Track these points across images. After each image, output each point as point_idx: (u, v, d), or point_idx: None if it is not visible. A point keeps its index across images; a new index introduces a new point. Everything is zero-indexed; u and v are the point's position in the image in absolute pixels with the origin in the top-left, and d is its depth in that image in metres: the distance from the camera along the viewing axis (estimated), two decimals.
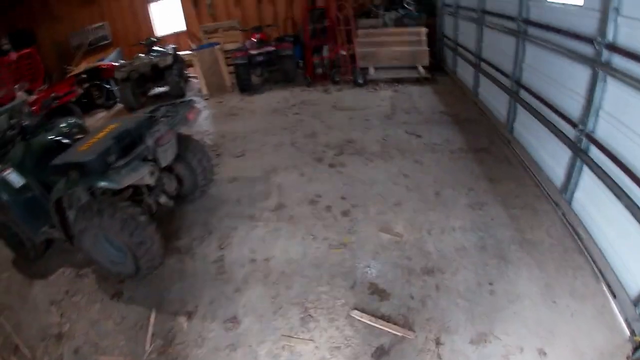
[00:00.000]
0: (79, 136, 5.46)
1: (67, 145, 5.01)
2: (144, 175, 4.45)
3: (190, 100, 5.68)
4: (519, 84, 6.06)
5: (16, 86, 10.96)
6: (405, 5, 11.57)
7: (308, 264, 4.54)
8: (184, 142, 5.65)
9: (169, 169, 5.47)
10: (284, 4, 14.02)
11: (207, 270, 4.72)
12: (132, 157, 4.31)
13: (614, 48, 3.82)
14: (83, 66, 13.11)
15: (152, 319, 4.20)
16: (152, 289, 4.59)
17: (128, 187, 4.54)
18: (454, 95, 8.92)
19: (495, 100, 7.20)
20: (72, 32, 15.41)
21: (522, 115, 6.09)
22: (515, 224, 4.73)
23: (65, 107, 10.53)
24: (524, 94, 5.95)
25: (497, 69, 6.96)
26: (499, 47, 6.93)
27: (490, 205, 5.08)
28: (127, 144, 4.57)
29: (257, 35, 11.50)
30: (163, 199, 5.23)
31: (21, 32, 15.96)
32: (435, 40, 11.05)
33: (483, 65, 7.80)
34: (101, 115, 12.43)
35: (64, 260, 5.14)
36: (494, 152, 6.29)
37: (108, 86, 12.50)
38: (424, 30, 10.31)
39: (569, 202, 4.73)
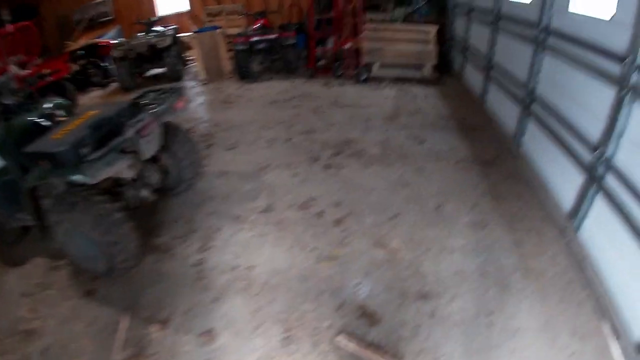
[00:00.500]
0: (62, 118, 5.12)
1: (47, 129, 4.62)
2: (121, 169, 4.12)
3: (181, 88, 5.34)
4: (533, 96, 5.69)
5: (11, 58, 10.58)
6: (416, 2, 11.15)
7: (294, 276, 4.20)
8: (171, 132, 5.30)
9: (153, 160, 5.10)
10: None
11: (186, 274, 4.39)
12: (109, 149, 3.95)
13: None
14: (82, 42, 12.74)
15: (124, 324, 3.88)
16: (127, 290, 4.28)
17: (107, 178, 4.14)
18: (461, 99, 8.54)
19: (504, 109, 6.83)
20: (75, 9, 15.00)
21: (533, 130, 5.72)
22: (519, 249, 4.39)
23: (59, 83, 10.22)
24: (536, 108, 5.57)
25: (510, 77, 6.59)
26: (513, 54, 6.55)
27: (494, 225, 4.74)
28: (106, 134, 4.18)
29: (260, 21, 11.14)
30: (145, 193, 4.88)
31: (24, 5, 15.56)
32: (444, 40, 10.63)
33: (494, 71, 7.44)
34: (96, 93, 12.17)
35: (41, 248, 4.79)
36: (500, 165, 5.95)
37: (105, 64, 12.15)
38: (433, 29, 9.88)
39: (577, 230, 4.38)
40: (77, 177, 3.77)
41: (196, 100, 10.18)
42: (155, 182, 5.13)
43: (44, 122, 4.82)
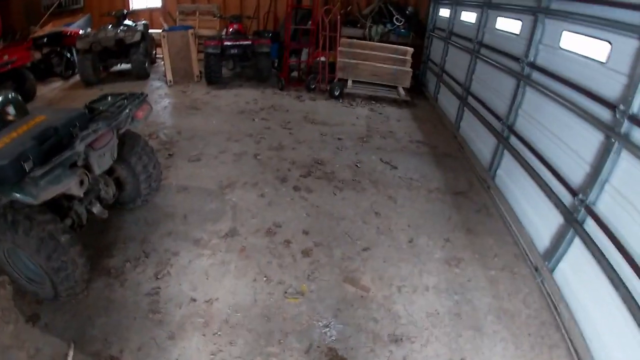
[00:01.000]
0: (11, 118, 4.66)
1: None
2: (70, 187, 3.61)
3: (143, 94, 4.86)
4: (511, 129, 5.59)
5: None
6: (395, 21, 11.06)
7: (258, 314, 3.85)
8: (129, 142, 4.86)
9: (108, 172, 4.62)
10: None
11: (139, 305, 3.97)
12: (55, 165, 3.45)
13: (638, 121, 3.37)
14: (47, 29, 12.09)
15: (70, 359, 3.46)
16: (73, 319, 3.83)
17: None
18: (434, 124, 8.44)
19: (480, 139, 6.73)
20: None
21: (509, 164, 5.62)
22: (493, 289, 4.22)
23: (19, 71, 9.62)
24: (515, 142, 5.46)
25: (487, 108, 6.49)
26: (493, 84, 6.47)
27: (468, 262, 4.57)
28: (53, 146, 3.73)
29: (235, 26, 10.83)
30: (97, 209, 4.41)
31: None
32: (420, 62, 10.57)
33: (470, 99, 7.34)
34: (57, 85, 11.56)
35: None
36: (473, 198, 5.81)
37: (69, 55, 11.55)
38: (410, 50, 9.83)
39: (552, 270, 4.26)
40: (18, 196, 3.27)
41: (160, 103, 9.71)
42: (109, 197, 4.70)
43: None
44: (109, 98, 4.81)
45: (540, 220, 4.71)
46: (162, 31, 11.06)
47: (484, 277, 4.36)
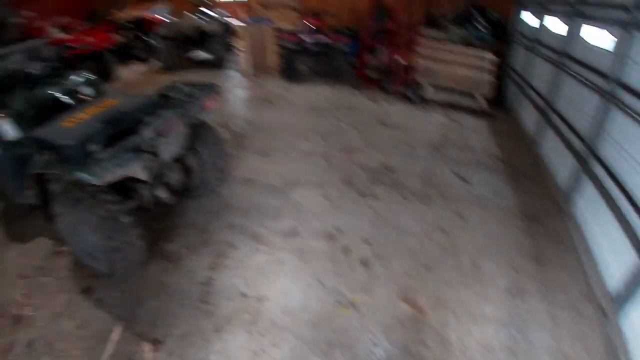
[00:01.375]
0: (86, 97, 4.88)
1: (65, 106, 4.42)
2: (134, 171, 3.77)
3: (214, 85, 4.96)
4: (594, 154, 5.18)
5: (55, 20, 10.64)
6: (478, 26, 10.61)
7: (306, 320, 3.83)
8: (200, 132, 4.96)
9: (177, 159, 4.77)
10: None
11: (190, 293, 4.08)
12: (121, 148, 3.63)
13: None
14: (131, 14, 12.68)
15: (115, 335, 3.64)
16: (125, 297, 4.03)
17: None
18: (512, 138, 8.00)
19: (559, 159, 6.30)
20: None
21: (588, 192, 5.20)
22: (555, 328, 3.92)
23: (99, 53, 10.16)
24: (597, 169, 5.07)
25: (569, 126, 6.06)
26: (577, 100, 6.02)
27: (532, 295, 4.27)
28: (121, 130, 3.89)
29: (314, 21, 10.81)
30: (162, 193, 4.52)
31: None
32: (501, 70, 10.08)
33: (552, 114, 6.90)
34: (137, 68, 12.19)
35: (47, 228, 4.50)
36: (547, 224, 5.42)
37: (150, 40, 12.06)
38: (492, 57, 9.37)
39: (621, 317, 3.90)
40: (82, 176, 3.45)
41: (235, 94, 9.93)
42: (176, 182, 4.80)
43: (66, 99, 4.60)
44: (182, 86, 4.95)
45: (615, 258, 4.32)
46: (242, 23, 11.25)
47: (546, 314, 4.06)
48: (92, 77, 5.35)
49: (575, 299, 4.29)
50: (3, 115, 4.21)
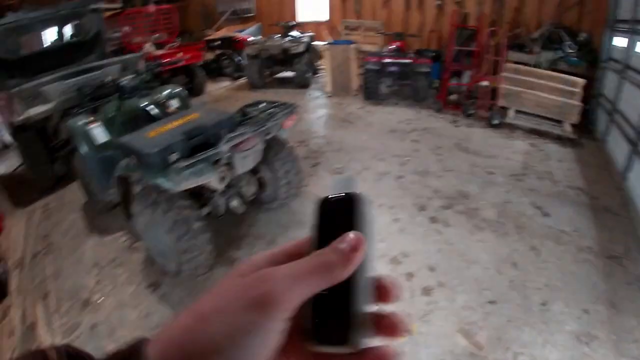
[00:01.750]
0: (173, 110, 5.37)
1: (153, 117, 4.94)
2: (209, 181, 4.12)
3: (292, 105, 5.18)
4: None
5: (152, 36, 11.49)
6: (566, 48, 10.13)
7: None
8: (275, 147, 5.22)
9: (253, 171, 5.09)
10: (432, 15, 13.04)
11: None
12: (199, 160, 3.90)
13: None
14: (220, 33, 13.48)
15: None
16: (188, 296, 4.32)
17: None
18: (598, 169, 7.50)
19: None
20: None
21: None
22: None
23: (190, 68, 10.89)
24: None
25: None
26: None
27: (601, 342, 3.94)
28: (200, 143, 4.20)
29: (397, 43, 10.85)
30: (235, 203, 4.86)
31: None
32: (590, 96, 9.55)
33: None
34: (225, 84, 12.86)
35: (127, 225, 5.01)
36: (628, 266, 4.98)
37: (238, 58, 12.73)
38: (581, 81, 8.85)
39: None
40: (160, 182, 3.81)
41: (315, 113, 10.17)
42: (249, 194, 5.13)
43: (154, 111, 5.10)
44: (263, 104, 5.26)
45: None
46: (326, 44, 11.55)
47: None
48: (179, 90, 5.88)
49: None
50: (95, 120, 4.84)
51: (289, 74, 12.36)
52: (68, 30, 7.46)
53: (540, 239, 5.42)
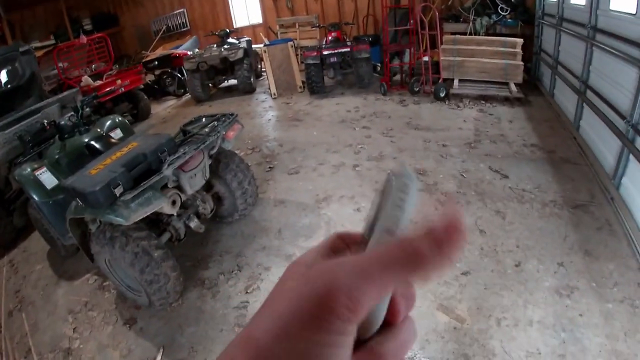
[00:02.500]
0: (115, 141, 5.20)
1: (98, 152, 4.78)
2: (161, 207, 3.97)
3: (233, 115, 5.06)
4: (638, 131, 4.79)
5: (93, 66, 11.21)
6: (500, 11, 10.20)
7: None
8: (223, 160, 5.12)
9: (206, 188, 5.01)
10: (365, 0, 13.03)
11: (227, 318, 4.16)
12: (144, 188, 3.77)
13: None
14: (157, 52, 13.22)
15: None
16: (165, 325, 4.21)
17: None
18: (550, 123, 7.56)
19: (602, 141, 5.87)
20: (152, 19, 15.68)
21: (636, 171, 4.83)
22: (608, 326, 3.57)
23: (132, 93, 10.66)
24: None
25: (609, 104, 5.63)
26: (613, 76, 5.61)
27: (582, 292, 3.92)
28: (142, 171, 4.05)
29: (333, 34, 10.76)
30: (194, 224, 4.73)
31: (105, 15, 16.48)
32: (531, 54, 9.63)
33: (589, 93, 6.46)
34: (171, 103, 12.65)
35: (92, 265, 4.77)
36: (595, 212, 5.01)
37: (179, 75, 12.50)
38: (519, 41, 8.95)
39: None
40: (111, 218, 3.67)
41: (264, 116, 10.01)
42: (207, 211, 5.02)
43: (97, 145, 4.95)
44: (203, 120, 5.17)
45: None
46: (263, 46, 11.38)
47: (598, 311, 3.72)
48: (120, 120, 5.70)
49: (629, 291, 3.90)
50: (41, 166, 4.69)
51: (232, 81, 12.17)
52: (2, 77, 7.19)
53: (503, 202, 5.40)
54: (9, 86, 7.19)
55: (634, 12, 4.93)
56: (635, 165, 4.81)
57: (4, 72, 7.18)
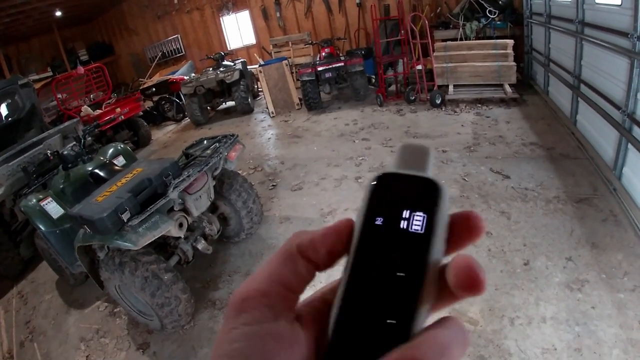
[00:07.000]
0: (119, 168, 5.26)
1: (102, 180, 4.79)
2: (168, 230, 4.00)
3: (234, 135, 5.13)
4: (633, 119, 4.82)
5: (91, 96, 11.35)
6: (488, 14, 10.32)
7: None
8: (227, 181, 5.17)
9: (212, 210, 5.05)
10: (355, 15, 13.20)
11: None
12: (151, 213, 3.83)
13: None
14: (154, 79, 13.38)
15: None
16: (178, 348, 4.22)
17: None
18: (547, 121, 7.61)
19: (600, 133, 5.90)
20: (147, 46, 15.86)
21: (636, 160, 4.85)
22: (621, 316, 3.57)
23: (131, 120, 10.76)
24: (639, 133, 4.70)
25: (603, 96, 5.67)
26: (605, 68, 5.65)
27: (592, 284, 3.93)
28: (149, 195, 4.11)
29: (327, 49, 10.86)
30: (201, 245, 4.76)
31: (100, 44, 16.69)
32: (522, 54, 9.73)
33: (583, 88, 6.51)
34: (170, 128, 12.73)
35: (102, 292, 4.83)
36: (598, 204, 5.02)
37: (178, 100, 12.63)
38: (510, 42, 9.03)
39: None
40: (119, 244, 3.72)
41: (264, 135, 10.09)
42: (214, 232, 5.03)
43: (101, 173, 4.98)
44: (205, 142, 5.26)
45: None
46: (258, 66, 11.50)
47: (610, 302, 3.72)
48: (122, 147, 5.77)
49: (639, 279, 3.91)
50: (46, 196, 4.76)
51: (230, 103, 12.32)
52: (2, 111, 7.31)
53: (507, 202, 5.41)
54: (9, 119, 7.30)
55: (619, 3, 5.00)
56: (634, 154, 4.84)
57: (4, 105, 7.31)
